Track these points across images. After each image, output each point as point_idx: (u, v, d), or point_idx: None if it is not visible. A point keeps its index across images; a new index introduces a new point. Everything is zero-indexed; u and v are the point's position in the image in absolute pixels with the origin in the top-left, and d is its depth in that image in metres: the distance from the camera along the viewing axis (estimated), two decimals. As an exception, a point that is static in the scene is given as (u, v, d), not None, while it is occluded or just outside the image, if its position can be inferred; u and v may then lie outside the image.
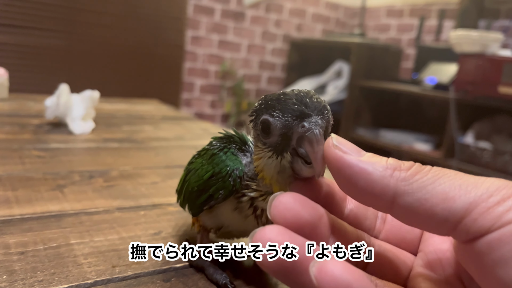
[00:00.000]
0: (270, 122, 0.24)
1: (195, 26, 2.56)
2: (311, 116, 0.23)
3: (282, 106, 0.24)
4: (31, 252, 0.32)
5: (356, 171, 0.19)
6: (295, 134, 0.24)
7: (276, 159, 0.25)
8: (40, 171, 0.51)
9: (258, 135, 0.26)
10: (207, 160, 0.31)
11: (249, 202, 0.29)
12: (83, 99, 0.76)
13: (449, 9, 2.59)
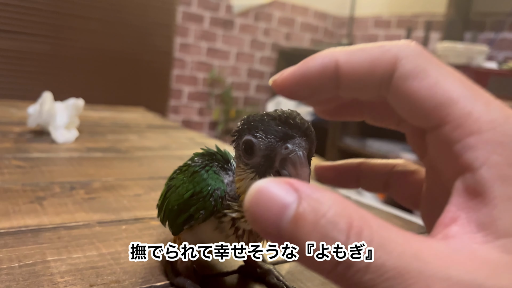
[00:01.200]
0: (253, 143, 0.24)
1: (184, 33, 2.56)
2: (295, 137, 0.23)
3: (265, 127, 0.24)
4: (5, 270, 0.31)
5: None
6: (278, 156, 0.23)
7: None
8: (19, 182, 0.50)
9: (240, 156, 0.26)
10: (188, 177, 0.30)
11: (231, 223, 0.28)
12: (67, 107, 0.75)
13: (436, 20, 2.63)
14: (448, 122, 0.18)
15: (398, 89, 0.19)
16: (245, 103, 2.92)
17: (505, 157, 0.16)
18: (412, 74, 0.18)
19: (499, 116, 0.17)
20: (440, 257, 0.15)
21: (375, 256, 0.14)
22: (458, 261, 0.15)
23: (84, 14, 2.18)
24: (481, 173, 0.16)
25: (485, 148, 0.17)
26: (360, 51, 0.20)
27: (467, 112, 0.17)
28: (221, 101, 2.80)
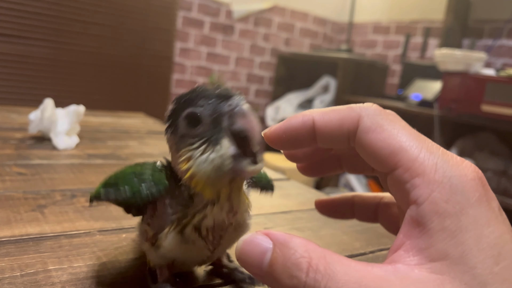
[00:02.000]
0: (198, 112, 0.25)
1: (184, 38, 2.57)
2: (233, 96, 0.26)
3: (204, 95, 0.26)
4: (7, 279, 0.31)
5: None
6: (225, 115, 0.25)
7: (213, 152, 0.25)
8: (20, 190, 0.50)
9: (182, 136, 0.26)
10: (144, 165, 0.31)
11: (192, 227, 0.29)
12: (68, 114, 0.76)
13: (434, 27, 2.64)
14: (400, 166, 0.21)
15: (360, 141, 0.23)
16: (244, 108, 2.93)
17: (442, 194, 0.20)
18: (371, 129, 0.23)
19: (440, 160, 0.21)
20: (377, 281, 0.19)
21: (327, 285, 0.19)
22: (391, 282, 0.19)
23: (85, 19, 2.19)
24: (423, 207, 0.20)
25: (427, 187, 0.20)
26: (332, 111, 0.24)
27: (414, 157, 0.21)
28: (220, 106, 2.81)
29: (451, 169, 0.21)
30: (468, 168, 0.21)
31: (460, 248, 0.19)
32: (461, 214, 0.20)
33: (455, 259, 0.19)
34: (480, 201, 0.20)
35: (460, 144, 2.07)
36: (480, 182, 0.21)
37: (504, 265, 0.19)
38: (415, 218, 0.21)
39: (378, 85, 2.75)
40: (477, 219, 0.20)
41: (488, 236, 0.20)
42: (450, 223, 0.20)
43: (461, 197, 0.20)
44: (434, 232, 0.20)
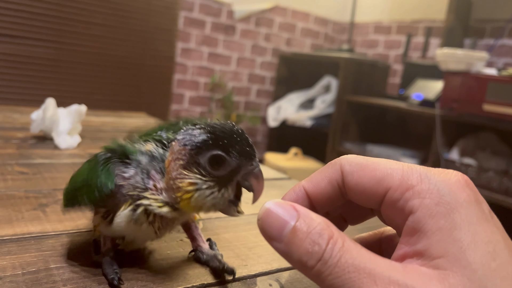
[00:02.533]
0: (226, 159, 0.29)
1: (186, 38, 2.57)
2: (255, 157, 0.29)
3: (239, 147, 0.29)
4: (9, 278, 0.31)
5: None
6: (243, 170, 0.29)
7: (219, 192, 0.29)
8: (22, 189, 0.50)
9: (198, 163, 0.29)
10: (88, 167, 0.34)
11: (143, 211, 0.32)
12: (70, 113, 0.76)
13: (435, 27, 2.64)
14: (389, 188, 0.23)
15: (349, 186, 0.25)
16: (245, 108, 2.93)
17: (432, 199, 0.22)
18: (354, 171, 0.25)
19: (422, 172, 0.23)
20: (386, 267, 0.21)
21: (343, 258, 0.21)
22: (399, 270, 0.21)
23: (87, 19, 2.19)
24: (417, 214, 0.22)
25: (418, 197, 0.22)
26: (317, 174, 0.27)
27: (401, 177, 0.23)
28: (222, 106, 2.81)
29: (435, 176, 0.23)
30: (450, 173, 0.23)
31: (457, 244, 0.20)
32: (453, 213, 0.21)
33: (454, 255, 0.20)
34: (469, 201, 0.22)
35: (461, 144, 2.07)
36: (466, 184, 0.22)
37: (500, 262, 0.20)
38: (411, 226, 0.22)
39: (379, 85, 2.75)
40: (469, 217, 0.21)
41: (481, 233, 0.21)
42: (444, 222, 0.21)
43: (449, 198, 0.22)
44: (431, 233, 0.21)
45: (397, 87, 2.81)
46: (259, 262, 0.39)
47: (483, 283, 0.19)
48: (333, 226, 0.22)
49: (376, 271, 0.20)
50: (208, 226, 0.46)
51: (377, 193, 0.24)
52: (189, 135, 0.30)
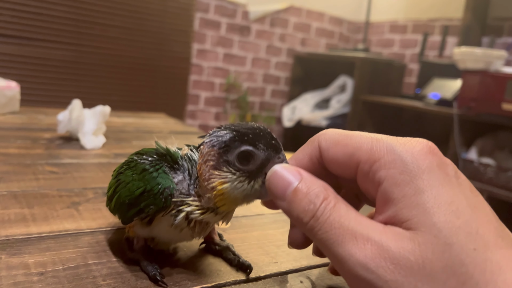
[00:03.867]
0: (255, 153, 0.29)
1: (201, 39, 2.59)
2: (282, 151, 0.30)
3: (264, 141, 0.30)
4: (50, 273, 0.33)
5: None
6: (271, 164, 0.29)
7: (248, 184, 0.30)
8: (54, 188, 0.52)
9: (228, 161, 0.30)
10: (138, 175, 0.33)
11: (185, 216, 0.32)
12: (95, 114, 0.77)
13: (452, 25, 2.61)
14: (360, 162, 0.25)
15: (326, 161, 0.27)
16: (260, 108, 2.94)
17: (397, 169, 0.24)
18: (330, 146, 0.27)
19: (388, 144, 0.25)
20: (367, 226, 0.23)
21: (331, 216, 0.24)
22: (378, 230, 0.23)
23: (104, 22, 2.22)
24: (384, 185, 0.24)
25: (384, 168, 0.24)
26: (298, 152, 0.29)
27: (369, 150, 0.25)
28: (237, 106, 2.82)
29: (399, 147, 0.24)
30: (414, 142, 0.25)
31: (422, 207, 0.22)
32: (416, 180, 0.23)
33: (419, 217, 0.22)
34: (431, 167, 0.23)
35: (480, 143, 2.04)
36: (429, 151, 0.24)
37: (464, 220, 0.22)
38: (381, 196, 0.24)
39: (395, 84, 2.73)
40: (431, 182, 0.23)
41: (444, 195, 0.22)
42: (408, 189, 0.23)
43: (412, 166, 0.23)
44: (397, 201, 0.23)
45: (413, 86, 2.79)
46: (288, 260, 0.39)
47: (449, 239, 0.21)
48: (330, 190, 0.25)
49: (357, 229, 0.23)
50: (235, 225, 0.47)
51: (351, 167, 0.26)
52: (215, 137, 0.31)
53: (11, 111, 0.96)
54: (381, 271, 0.22)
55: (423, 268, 0.21)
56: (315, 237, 0.24)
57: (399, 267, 0.21)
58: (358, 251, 0.22)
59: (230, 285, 0.34)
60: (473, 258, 0.21)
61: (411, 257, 0.21)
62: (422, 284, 0.21)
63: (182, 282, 0.33)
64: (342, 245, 0.23)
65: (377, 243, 0.22)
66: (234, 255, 0.37)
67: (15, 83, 0.97)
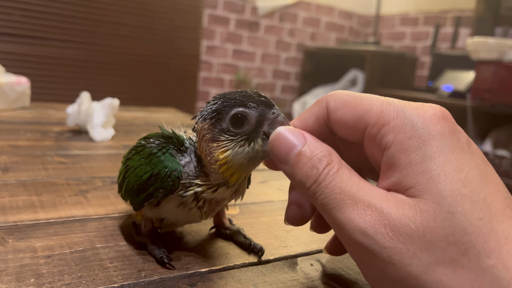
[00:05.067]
0: (247, 113, 0.29)
1: (210, 36, 2.59)
2: (274, 105, 0.29)
3: (253, 99, 0.29)
4: (57, 256, 0.32)
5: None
6: (267, 120, 0.29)
7: (249, 146, 0.29)
8: (62, 177, 0.52)
9: (222, 129, 0.29)
10: (145, 159, 0.33)
11: (193, 196, 0.32)
12: (103, 107, 0.77)
13: (465, 16, 2.57)
14: (368, 125, 0.24)
15: (334, 122, 0.26)
16: (271, 104, 2.93)
17: (405, 134, 0.23)
18: (338, 108, 0.26)
19: (399, 107, 0.24)
20: (369, 192, 0.22)
21: (333, 181, 0.23)
22: (380, 196, 0.22)
23: (113, 20, 2.23)
24: (391, 150, 0.23)
25: (393, 132, 0.23)
26: (304, 112, 0.28)
27: (378, 112, 0.24)
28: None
29: (411, 112, 0.23)
30: (427, 107, 0.23)
31: (427, 174, 0.21)
32: (424, 146, 0.22)
33: (424, 184, 0.21)
34: (442, 133, 0.22)
35: (494, 135, 2.01)
36: (442, 116, 0.23)
37: (472, 188, 0.21)
38: (386, 161, 0.23)
39: (407, 77, 2.70)
40: (440, 148, 0.22)
41: (453, 162, 0.21)
42: (414, 155, 0.22)
43: (422, 131, 0.22)
44: (403, 167, 0.22)
45: (425, 79, 2.75)
46: (298, 244, 0.39)
47: (452, 208, 0.20)
48: (335, 154, 0.24)
49: (358, 195, 0.22)
50: (244, 211, 0.46)
51: (358, 129, 0.25)
52: (205, 111, 0.30)
53: (21, 106, 0.96)
54: (380, 238, 0.21)
55: (423, 236, 0.20)
56: (316, 201, 0.24)
57: (398, 234, 0.21)
58: (358, 217, 0.22)
59: (239, 268, 0.33)
60: (477, 227, 0.20)
61: (411, 225, 0.21)
62: (421, 252, 0.20)
63: (189, 265, 0.33)
64: (342, 210, 0.22)
65: (378, 209, 0.22)
66: (245, 238, 0.37)
67: (25, 78, 0.97)
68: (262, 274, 0.33)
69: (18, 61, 2.04)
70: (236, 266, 0.34)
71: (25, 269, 0.30)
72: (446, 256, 0.20)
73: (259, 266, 0.34)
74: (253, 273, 0.33)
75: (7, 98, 0.91)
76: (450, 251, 0.20)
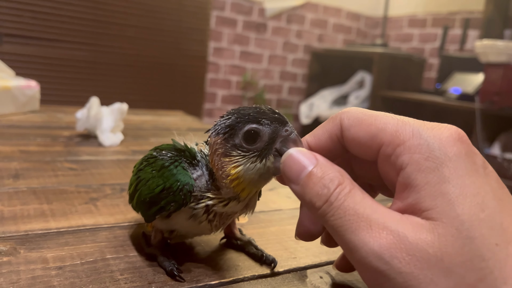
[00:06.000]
0: (260, 130, 0.29)
1: (218, 37, 2.59)
2: (287, 123, 0.29)
3: (267, 116, 0.29)
4: (68, 267, 0.33)
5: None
6: (279, 138, 0.29)
7: (260, 163, 0.29)
8: (72, 184, 0.52)
9: (235, 145, 0.29)
10: (157, 172, 0.33)
11: (204, 209, 0.32)
12: (112, 112, 0.78)
13: (474, 18, 2.56)
14: (383, 144, 0.24)
15: (347, 139, 0.26)
16: (277, 105, 2.93)
17: (422, 154, 0.22)
18: (352, 125, 0.26)
19: (415, 127, 0.23)
20: (384, 214, 0.22)
21: (346, 202, 0.23)
22: (395, 219, 0.22)
23: (122, 22, 2.24)
24: (407, 170, 0.22)
25: (409, 152, 0.23)
26: (318, 128, 0.28)
27: (394, 132, 0.24)
28: (254, 104, 2.82)
29: (427, 132, 0.23)
30: (443, 128, 0.23)
31: (446, 197, 0.21)
32: (442, 167, 0.22)
33: (443, 207, 0.21)
34: (459, 155, 0.22)
35: (503, 138, 1.99)
36: (458, 138, 0.23)
37: (488, 213, 0.21)
38: (402, 181, 0.23)
39: (414, 79, 2.69)
40: (457, 170, 0.21)
41: (470, 186, 0.21)
42: (432, 177, 0.22)
43: (439, 152, 0.22)
44: (420, 188, 0.22)
45: (433, 81, 2.74)
46: (307, 255, 0.39)
47: (471, 233, 0.20)
48: (346, 176, 0.24)
49: (373, 217, 0.22)
50: (253, 220, 0.46)
51: (372, 148, 0.25)
52: (218, 125, 0.30)
53: (31, 110, 0.97)
54: (396, 262, 0.20)
55: (441, 261, 0.20)
56: (327, 223, 0.23)
57: (415, 259, 0.20)
58: (372, 240, 0.21)
59: (249, 280, 0.33)
60: (494, 253, 0.20)
61: (429, 249, 0.20)
62: (439, 278, 0.20)
63: (199, 277, 0.33)
64: (356, 232, 0.22)
65: (393, 233, 0.21)
66: (257, 249, 0.37)
67: (35, 82, 0.98)
68: (272, 287, 0.33)
69: (27, 63, 2.05)
70: (246, 279, 0.34)
71: (36, 281, 0.30)
72: (464, 282, 0.20)
73: (269, 279, 0.34)
74: (262, 286, 0.33)
75: (17, 102, 0.92)
76: (468, 277, 0.20)
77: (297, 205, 0.53)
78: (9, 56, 1.95)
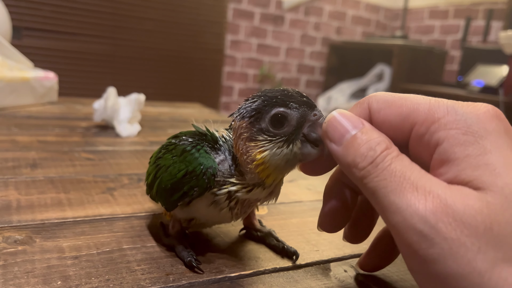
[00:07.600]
0: (288, 114, 0.27)
1: (235, 30, 2.57)
2: (316, 106, 0.28)
3: (295, 99, 0.27)
4: (84, 257, 0.32)
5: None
6: (307, 122, 0.27)
7: (287, 148, 0.27)
8: (90, 174, 0.51)
9: (261, 129, 0.28)
10: (179, 157, 0.31)
11: (226, 196, 0.30)
12: (130, 102, 0.77)
13: (497, 9, 2.48)
14: (416, 123, 0.23)
15: (377, 122, 0.25)
16: (295, 99, 2.90)
17: (459, 129, 0.21)
18: (381, 108, 0.25)
19: (449, 105, 0.23)
20: (431, 181, 0.21)
21: (393, 164, 0.22)
22: (442, 186, 0.21)
23: (140, 15, 2.24)
24: (444, 145, 0.22)
25: (445, 128, 0.22)
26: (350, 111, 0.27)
27: (427, 110, 0.23)
28: (271, 97, 2.80)
29: (462, 108, 0.22)
30: (479, 105, 0.22)
31: (490, 167, 0.20)
32: (482, 140, 0.21)
33: (487, 176, 0.20)
34: (498, 130, 0.21)
35: (528, 132, 1.93)
36: (496, 115, 0.22)
37: None
38: (439, 158, 0.22)
39: (436, 72, 2.63)
40: (498, 143, 0.21)
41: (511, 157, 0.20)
42: (472, 149, 0.21)
43: (477, 127, 0.21)
44: (460, 160, 0.21)
45: (455, 74, 2.67)
46: (330, 248, 0.37)
47: None
48: (393, 144, 0.23)
49: (420, 181, 0.21)
50: (273, 211, 0.45)
51: (404, 129, 0.24)
52: (243, 109, 0.29)
53: (49, 101, 0.97)
54: (441, 227, 0.19)
55: (490, 230, 0.19)
56: (369, 184, 0.22)
57: (463, 226, 0.19)
58: (418, 202, 0.20)
59: (269, 273, 0.32)
60: None
61: (477, 217, 0.19)
62: (487, 247, 0.19)
63: (219, 269, 0.32)
64: (400, 194, 0.21)
65: (441, 197, 0.20)
66: (278, 241, 0.35)
67: (53, 73, 0.98)
68: (294, 281, 0.31)
69: (46, 56, 2.07)
70: (267, 271, 0.32)
71: (52, 270, 0.29)
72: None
73: (291, 272, 0.33)
74: (284, 279, 0.31)
75: (35, 93, 0.92)
76: None
77: (318, 197, 0.51)
78: (28, 50, 1.97)
